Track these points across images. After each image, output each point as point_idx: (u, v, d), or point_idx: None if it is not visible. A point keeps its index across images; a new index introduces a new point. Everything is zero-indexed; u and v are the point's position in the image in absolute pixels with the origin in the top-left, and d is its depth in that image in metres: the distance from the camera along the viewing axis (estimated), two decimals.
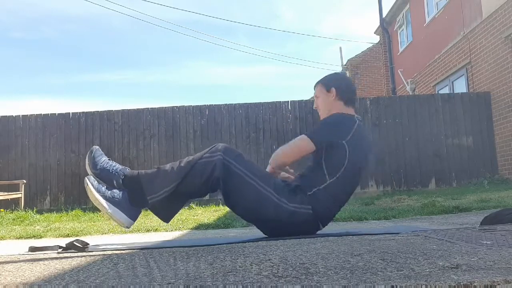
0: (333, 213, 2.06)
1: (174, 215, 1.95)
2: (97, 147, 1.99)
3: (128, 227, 1.88)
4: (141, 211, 1.93)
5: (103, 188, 1.85)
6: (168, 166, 1.89)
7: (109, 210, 1.81)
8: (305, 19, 44.02)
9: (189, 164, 1.86)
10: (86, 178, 1.87)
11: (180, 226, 3.96)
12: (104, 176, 1.88)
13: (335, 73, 2.41)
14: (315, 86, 2.28)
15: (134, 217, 1.87)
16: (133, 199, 1.85)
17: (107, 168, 1.89)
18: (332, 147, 1.98)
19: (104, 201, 1.81)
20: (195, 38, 66.60)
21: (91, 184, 1.83)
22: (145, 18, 44.91)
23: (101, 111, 7.78)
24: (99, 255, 1.52)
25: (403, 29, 12.37)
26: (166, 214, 1.92)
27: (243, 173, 1.88)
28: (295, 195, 1.94)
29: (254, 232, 3.13)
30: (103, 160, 1.93)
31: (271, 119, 7.80)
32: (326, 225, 2.05)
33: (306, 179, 2.00)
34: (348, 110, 2.15)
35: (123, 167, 1.94)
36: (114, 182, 1.87)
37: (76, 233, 3.78)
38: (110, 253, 1.58)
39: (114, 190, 1.86)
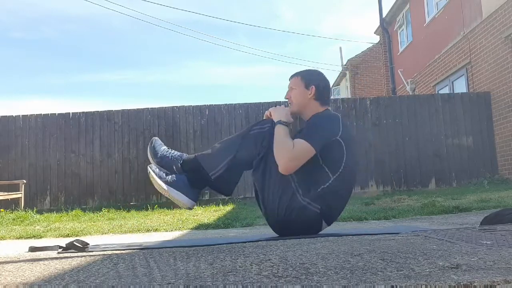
0: (338, 212, 2.07)
1: (234, 187, 2.06)
2: (156, 138, 2.17)
3: (190, 208, 2.00)
4: (200, 192, 2.05)
5: (164, 174, 1.99)
6: (220, 143, 2.03)
7: (171, 194, 1.93)
8: (305, 19, 44.05)
9: (240, 137, 2.00)
10: (148, 166, 2.01)
11: (180, 226, 3.96)
12: (164, 163, 2.03)
13: (315, 70, 2.33)
14: (292, 76, 2.23)
15: (194, 198, 1.99)
16: (194, 179, 1.98)
17: (166, 155, 2.05)
18: (328, 146, 1.98)
19: (166, 185, 1.94)
20: (195, 38, 66.64)
21: (152, 172, 1.97)
22: (145, 18, 44.94)
23: (101, 111, 7.78)
24: (99, 255, 1.52)
25: (403, 29, 12.37)
26: (227, 187, 2.04)
27: None
28: (309, 190, 1.94)
29: (254, 232, 3.14)
30: (163, 148, 2.09)
31: None
32: (330, 225, 2.05)
33: (309, 181, 1.97)
34: (323, 109, 2.15)
35: (180, 153, 2.09)
36: (174, 167, 2.01)
37: (76, 233, 3.78)
38: (110, 253, 1.58)
39: (174, 175, 1.99)
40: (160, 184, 1.93)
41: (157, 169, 1.99)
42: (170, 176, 1.97)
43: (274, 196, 1.97)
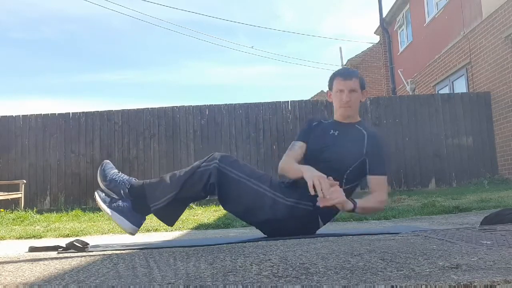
0: (335, 212, 2.06)
1: (177, 219, 2.06)
2: (108, 161, 2.14)
3: (132, 234, 2.00)
4: (145, 218, 2.04)
5: (109, 199, 2.00)
6: (169, 176, 2.01)
7: (113, 218, 1.95)
8: (305, 19, 44.05)
9: (187, 174, 1.97)
10: (95, 191, 2.05)
11: (180, 226, 3.95)
12: (113, 186, 2.02)
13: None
14: (352, 77, 2.06)
15: (138, 224, 1.99)
16: (137, 206, 1.98)
17: (115, 179, 2.03)
18: (364, 164, 2.01)
19: (109, 210, 1.96)
20: (195, 38, 66.64)
21: (98, 197, 2.00)
22: (145, 18, 44.86)
23: (101, 111, 7.78)
24: (99, 255, 1.52)
25: (403, 29, 12.37)
26: (169, 219, 2.02)
27: (238, 176, 1.95)
28: (292, 190, 1.95)
29: (254, 232, 3.13)
30: (113, 172, 2.07)
31: (271, 119, 7.80)
32: (327, 222, 2.05)
33: (293, 184, 1.99)
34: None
35: (129, 178, 2.07)
36: (121, 191, 2.00)
37: (76, 233, 3.78)
38: (110, 253, 1.58)
39: (120, 201, 2.00)
40: (104, 209, 1.96)
41: (103, 194, 2.02)
42: (116, 202, 1.99)
43: (255, 216, 1.99)
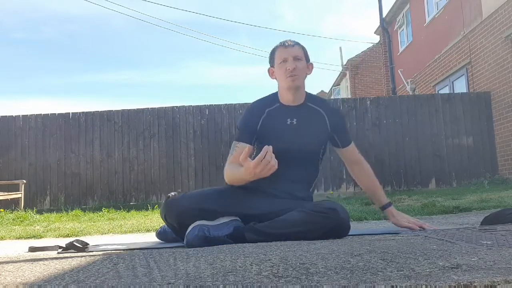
0: None
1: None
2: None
3: None
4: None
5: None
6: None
7: None
8: (305, 19, 44.08)
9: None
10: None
11: None
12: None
13: None
14: (295, 44, 1.90)
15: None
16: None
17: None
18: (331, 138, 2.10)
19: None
20: (195, 38, 66.66)
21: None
22: (145, 18, 44.88)
23: (101, 111, 7.78)
24: (99, 255, 1.52)
25: (403, 29, 12.37)
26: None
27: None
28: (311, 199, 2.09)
29: None
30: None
31: None
32: None
33: (306, 181, 2.03)
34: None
35: None
36: None
37: (76, 233, 3.77)
38: (110, 253, 1.58)
39: None
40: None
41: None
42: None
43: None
